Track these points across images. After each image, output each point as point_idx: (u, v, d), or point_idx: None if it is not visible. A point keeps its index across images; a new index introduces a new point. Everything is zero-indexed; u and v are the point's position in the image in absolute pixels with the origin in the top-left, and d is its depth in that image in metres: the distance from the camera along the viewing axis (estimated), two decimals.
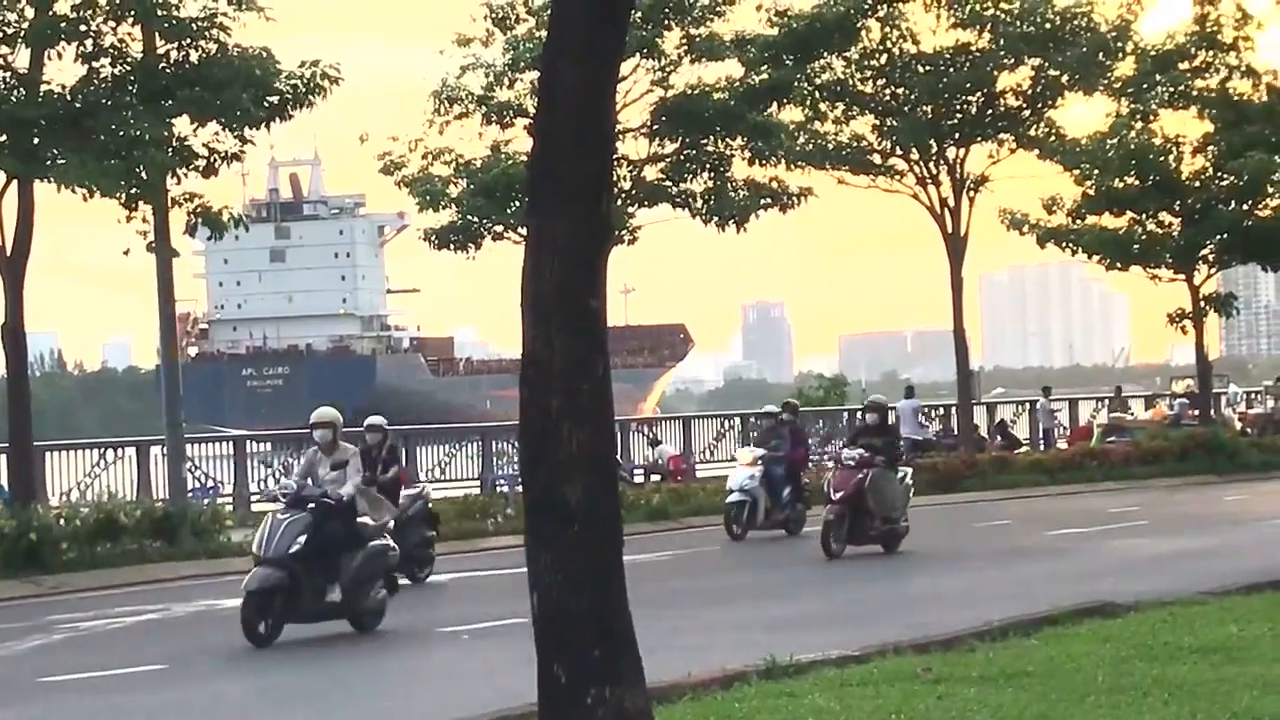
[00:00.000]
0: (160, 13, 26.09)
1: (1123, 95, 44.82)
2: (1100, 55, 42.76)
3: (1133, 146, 44.03)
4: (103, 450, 35.66)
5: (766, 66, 37.43)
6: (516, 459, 37.25)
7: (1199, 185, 45.07)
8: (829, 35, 38.88)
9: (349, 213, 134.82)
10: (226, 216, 26.51)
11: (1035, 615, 16.20)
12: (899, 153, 42.77)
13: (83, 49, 26.14)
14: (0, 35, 25.99)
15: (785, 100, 38.21)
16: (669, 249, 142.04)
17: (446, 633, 18.25)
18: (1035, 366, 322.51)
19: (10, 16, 25.99)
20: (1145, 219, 45.45)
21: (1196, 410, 49.59)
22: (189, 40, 26.37)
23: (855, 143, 42.49)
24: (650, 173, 37.38)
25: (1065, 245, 46.05)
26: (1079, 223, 45.61)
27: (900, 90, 42.06)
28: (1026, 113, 43.09)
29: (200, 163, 26.35)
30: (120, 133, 25.27)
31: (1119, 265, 46.16)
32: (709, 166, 37.30)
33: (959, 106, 42.34)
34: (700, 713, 11.59)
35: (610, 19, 9.25)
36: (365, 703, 13.96)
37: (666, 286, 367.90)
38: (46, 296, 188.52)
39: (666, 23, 35.73)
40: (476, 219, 36.85)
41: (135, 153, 25.21)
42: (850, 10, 39.10)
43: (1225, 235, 45.05)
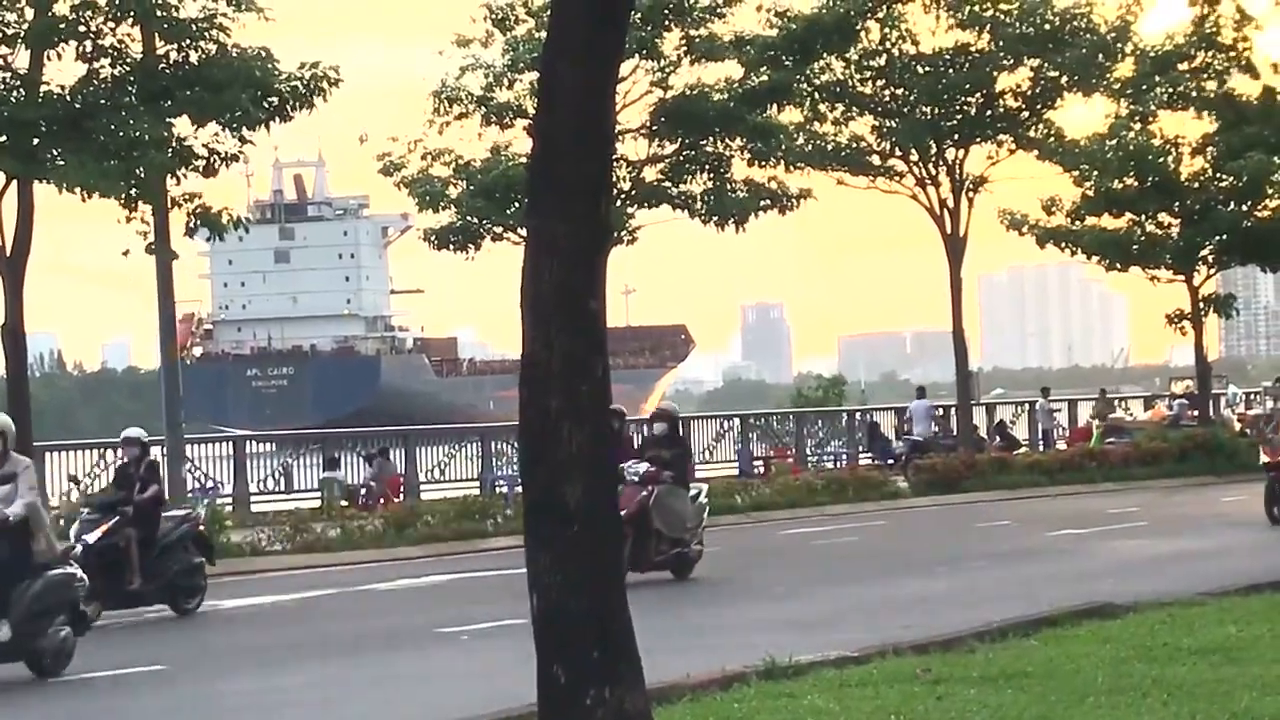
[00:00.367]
0: (160, 13, 26.07)
1: (1122, 96, 44.82)
2: (1099, 56, 42.76)
3: (1132, 147, 44.04)
4: (102, 451, 35.67)
5: (766, 67, 37.43)
6: (516, 459, 37.25)
7: (1198, 186, 45.07)
8: (828, 36, 38.87)
9: (353, 214, 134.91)
10: (226, 218, 26.49)
11: (1035, 616, 16.21)
12: (898, 154, 42.77)
13: (82, 49, 26.13)
14: (0, 35, 25.99)
15: (785, 101, 38.21)
16: (668, 250, 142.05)
17: (446, 633, 18.25)
18: (1034, 367, 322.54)
19: (10, 17, 25.97)
20: (1144, 220, 45.46)
21: (1196, 411, 49.60)
22: (188, 41, 26.37)
23: (854, 144, 42.49)
24: (650, 173, 37.40)
25: (1064, 246, 46.05)
26: (1078, 223, 45.63)
27: (900, 91, 42.07)
28: (1026, 114, 43.09)
29: (200, 163, 26.35)
30: (120, 133, 25.26)
31: (1118, 266, 46.17)
32: (708, 167, 37.32)
33: (958, 107, 42.34)
34: (699, 713, 11.59)
35: (610, 20, 9.25)
36: (365, 704, 13.97)
37: (666, 287, 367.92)
38: (46, 297, 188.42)
39: (666, 23, 35.74)
40: (476, 220, 36.87)
41: (135, 153, 25.19)
42: (850, 11, 39.09)
43: (1224, 236, 45.05)
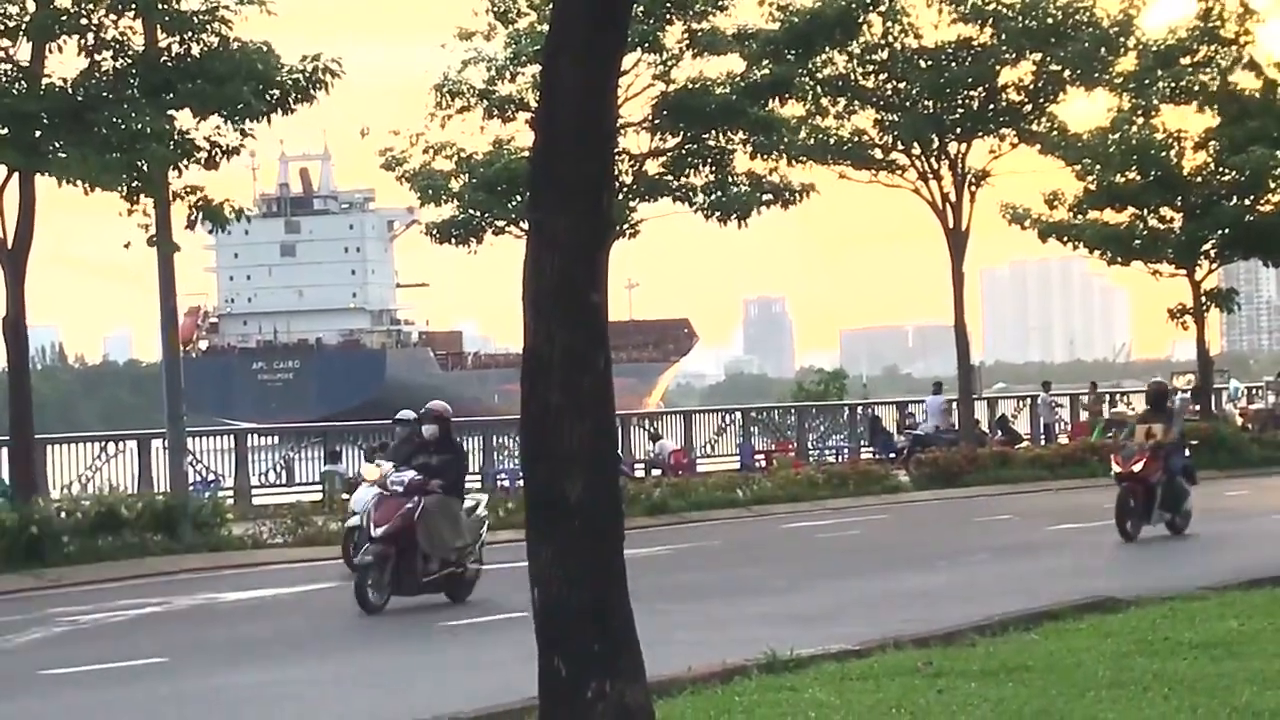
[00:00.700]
0: (161, 6, 26.10)
1: (1124, 90, 44.79)
2: (1102, 50, 42.71)
3: (1134, 141, 44.02)
4: (104, 443, 35.74)
5: (768, 61, 37.41)
6: (517, 453, 37.25)
7: (1200, 180, 45.06)
8: (830, 30, 38.85)
9: (359, 207, 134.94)
10: (228, 210, 26.49)
11: (1036, 610, 16.20)
12: (900, 147, 42.74)
13: (84, 42, 26.16)
14: (2, 28, 26.00)
15: (787, 95, 38.18)
16: (670, 244, 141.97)
17: (447, 626, 18.25)
18: (1036, 361, 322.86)
19: (12, 9, 26.00)
20: (1147, 214, 45.44)
21: (1197, 406, 49.56)
22: (190, 33, 26.40)
23: (857, 137, 42.46)
24: (652, 167, 37.40)
25: (1067, 240, 46.03)
26: (1080, 218, 45.60)
27: (902, 85, 42.04)
28: (1028, 108, 43.05)
29: (201, 156, 26.36)
30: (121, 126, 25.28)
31: (1120, 260, 46.16)
32: (710, 161, 37.31)
33: (960, 101, 42.31)
34: (700, 707, 11.59)
35: (611, 16, 9.23)
36: (365, 696, 13.96)
37: (668, 281, 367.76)
38: (48, 290, 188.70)
39: (668, 17, 35.73)
40: (478, 213, 36.87)
41: (136, 146, 25.21)
42: (852, 5, 39.05)
43: (1226, 230, 45.03)
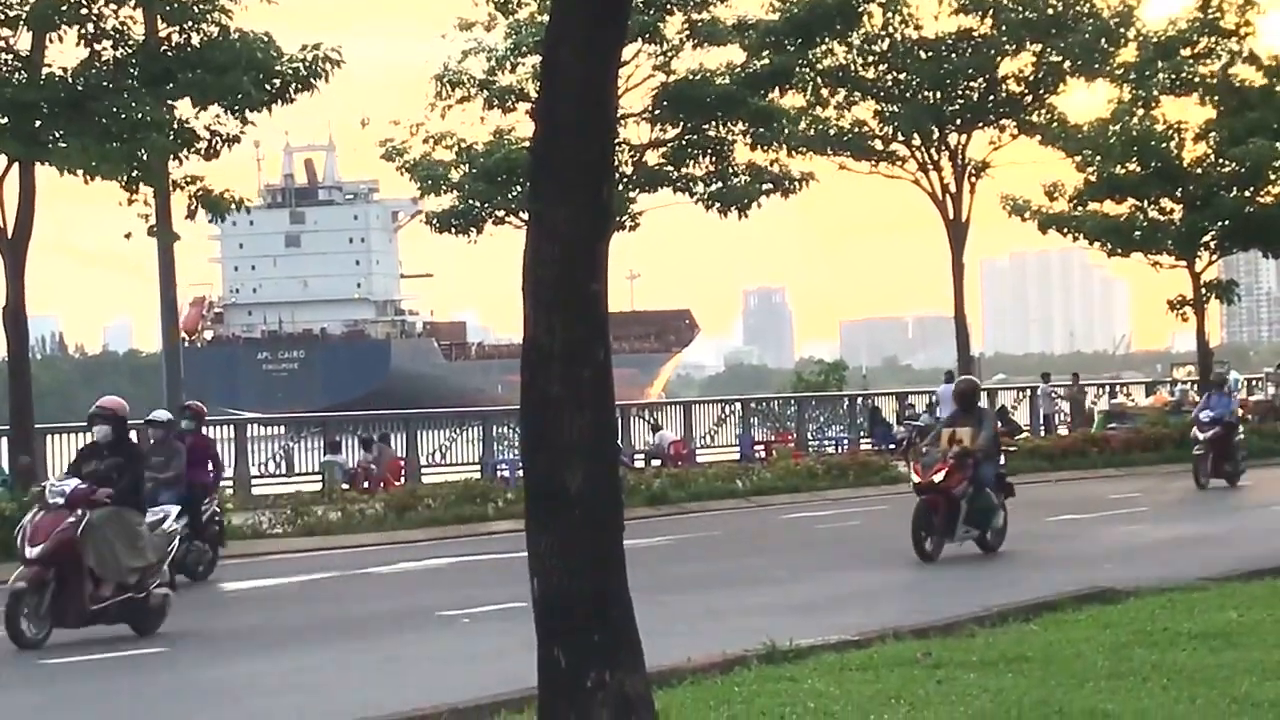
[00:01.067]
0: None
1: (1124, 81, 44.77)
2: (1102, 41, 42.72)
3: (1134, 133, 44.00)
4: None
5: (768, 52, 37.37)
6: (517, 443, 37.26)
7: (1201, 172, 45.03)
8: (831, 20, 38.81)
9: (363, 198, 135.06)
10: (228, 200, 26.48)
11: (1035, 601, 16.22)
12: (900, 138, 42.75)
13: (84, 32, 26.15)
14: (2, 18, 25.99)
15: (787, 85, 38.15)
16: (671, 234, 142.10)
17: (447, 616, 18.26)
18: (1036, 353, 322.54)
19: None
20: (1147, 205, 45.43)
21: (1198, 397, 49.55)
22: (190, 23, 26.39)
23: (857, 128, 42.47)
24: (652, 158, 37.37)
25: (1067, 231, 46.01)
26: (1080, 209, 45.58)
27: (902, 76, 42.04)
28: (1028, 99, 43.06)
29: (201, 146, 26.35)
30: (121, 115, 25.27)
31: (1120, 251, 46.14)
32: (710, 152, 37.28)
33: (961, 92, 42.32)
34: (700, 696, 11.59)
35: (612, 7, 9.22)
36: (366, 686, 13.97)
37: (668, 271, 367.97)
38: (48, 279, 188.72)
39: (668, 8, 35.69)
40: (478, 203, 36.85)
41: (136, 135, 25.22)
42: None
43: (1227, 222, 45.00)
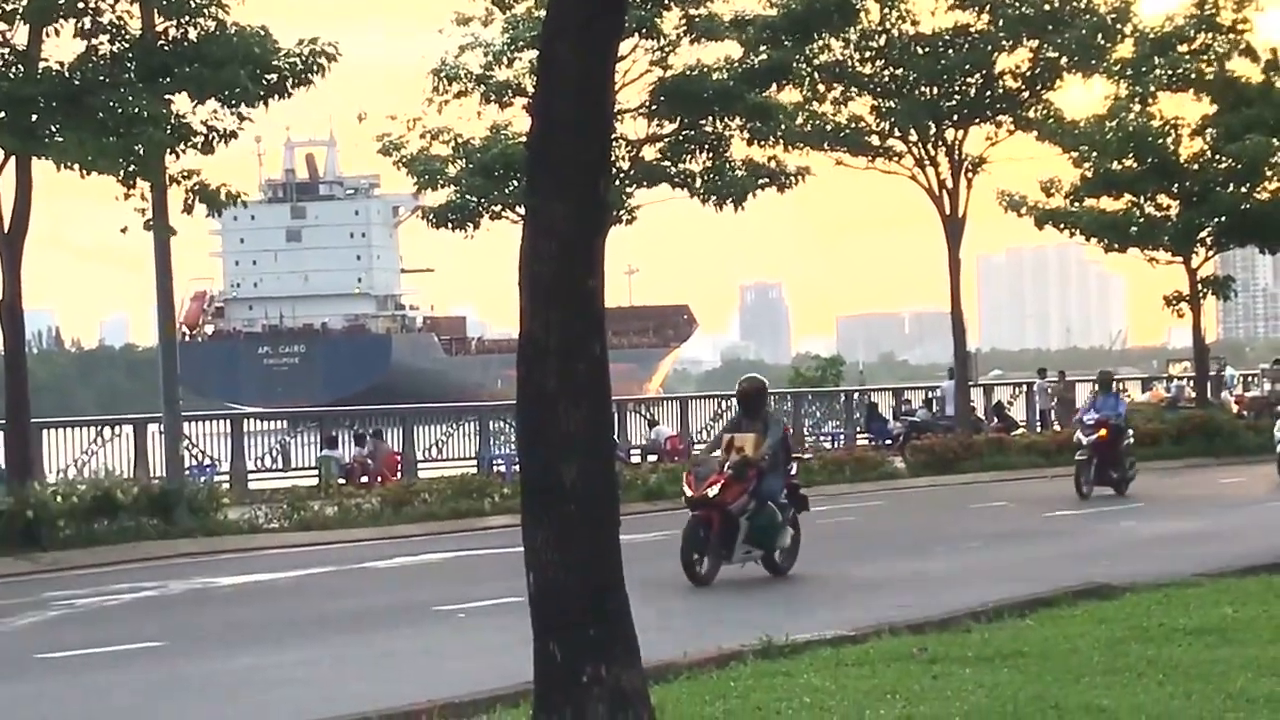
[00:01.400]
0: None
1: (1121, 77, 44.78)
2: (1099, 37, 42.67)
3: (1131, 129, 44.01)
4: (100, 428, 35.72)
5: (765, 47, 37.35)
6: (514, 438, 37.25)
7: (1197, 168, 45.05)
8: (828, 16, 38.77)
9: (364, 193, 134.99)
10: (225, 194, 26.46)
11: (1031, 596, 16.22)
12: (897, 134, 42.71)
13: (81, 26, 26.10)
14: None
15: (784, 81, 38.13)
16: (667, 230, 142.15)
17: (444, 611, 18.27)
18: (1032, 348, 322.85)
19: None
20: (1143, 201, 45.45)
21: (1194, 393, 49.62)
22: (187, 18, 26.35)
23: (854, 124, 42.42)
24: (649, 153, 37.36)
25: (1063, 227, 46.04)
26: (1077, 205, 45.61)
27: (899, 71, 41.99)
28: (1025, 94, 43.02)
29: (198, 140, 26.32)
30: (118, 110, 25.24)
31: (1117, 247, 46.16)
32: (707, 147, 37.27)
33: (957, 88, 42.27)
34: (696, 691, 11.60)
35: (608, 2, 9.23)
36: (362, 681, 13.98)
37: (665, 266, 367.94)
38: (44, 273, 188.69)
39: (666, 2, 35.66)
40: (475, 198, 36.83)
41: (133, 130, 25.16)
42: None
43: (1223, 218, 45.04)
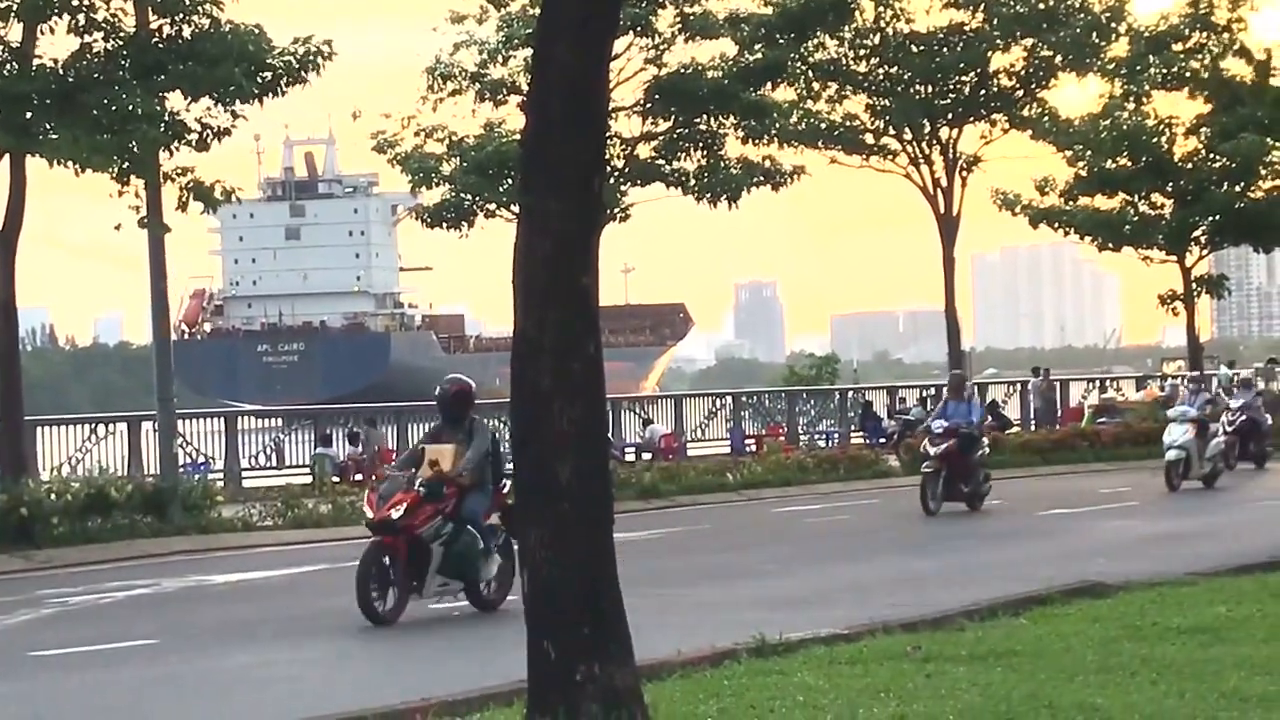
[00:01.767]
0: None
1: (1116, 76, 44.83)
2: (1094, 36, 42.75)
3: (1125, 128, 44.06)
4: (94, 425, 35.69)
5: (760, 45, 37.40)
6: (508, 436, 37.23)
7: (1191, 167, 45.11)
8: (823, 14, 38.83)
9: (363, 191, 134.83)
10: (219, 191, 26.44)
11: (1024, 595, 16.21)
12: (892, 132, 42.76)
13: (75, 23, 26.07)
14: None
15: (779, 79, 38.18)
16: (661, 228, 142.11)
17: (438, 609, 18.26)
18: (1027, 347, 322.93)
19: None
20: (1137, 200, 45.51)
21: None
22: (182, 15, 26.34)
23: (848, 122, 42.47)
24: (643, 151, 37.39)
25: (1057, 226, 46.10)
26: (1071, 204, 45.66)
27: (893, 70, 42.05)
28: (1019, 93, 43.08)
29: (192, 138, 26.31)
30: (112, 107, 25.22)
31: (1111, 246, 46.22)
32: (702, 145, 37.30)
33: (952, 87, 42.33)
34: (690, 690, 11.59)
35: (604, 0, 9.22)
36: (357, 679, 13.97)
37: (659, 264, 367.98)
38: (38, 271, 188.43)
39: (660, 1, 35.69)
40: (469, 196, 36.84)
41: (127, 127, 25.15)
42: None
43: (1217, 217, 45.10)
